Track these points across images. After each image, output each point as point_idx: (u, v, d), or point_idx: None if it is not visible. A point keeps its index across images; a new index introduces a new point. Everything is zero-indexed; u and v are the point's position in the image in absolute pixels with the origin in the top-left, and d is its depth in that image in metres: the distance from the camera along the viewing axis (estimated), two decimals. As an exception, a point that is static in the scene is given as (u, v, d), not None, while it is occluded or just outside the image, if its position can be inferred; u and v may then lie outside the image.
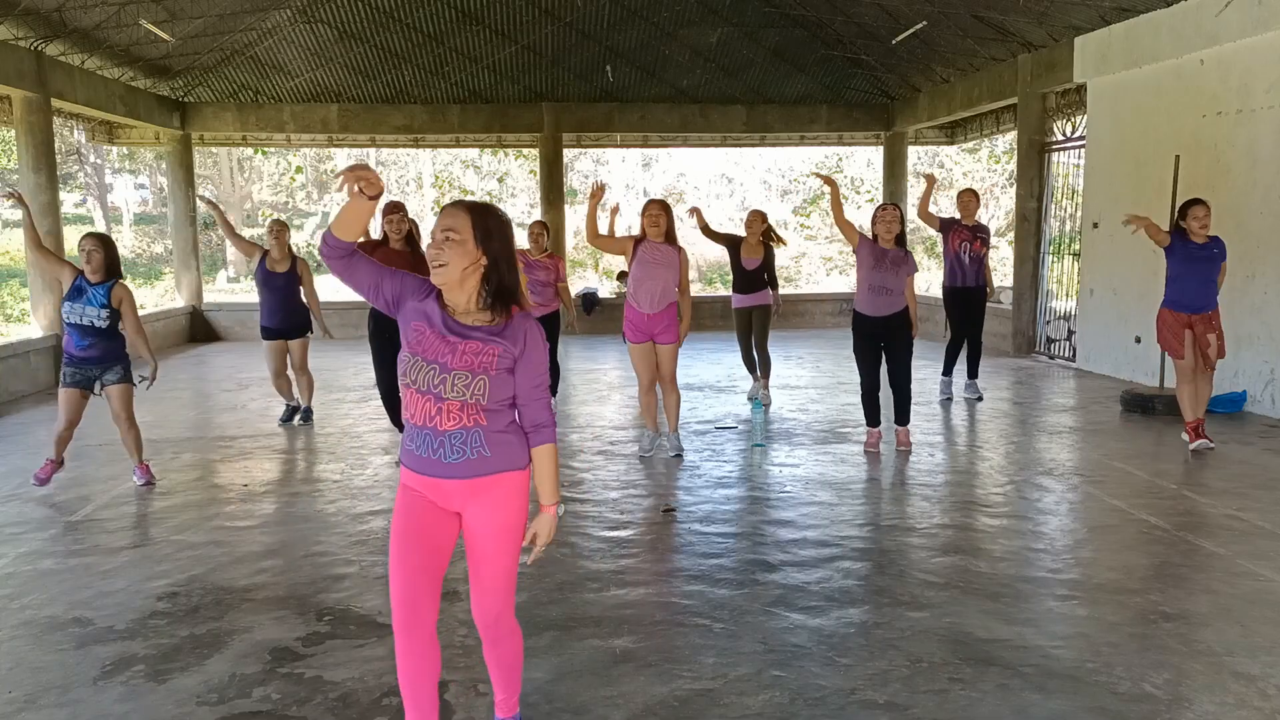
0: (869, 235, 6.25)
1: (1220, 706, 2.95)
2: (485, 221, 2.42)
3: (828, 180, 6.31)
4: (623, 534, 4.75)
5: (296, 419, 7.51)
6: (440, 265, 2.38)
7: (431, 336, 2.42)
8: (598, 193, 6.05)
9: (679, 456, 6.20)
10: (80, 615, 3.78)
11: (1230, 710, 2.93)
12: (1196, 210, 6.16)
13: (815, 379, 9.44)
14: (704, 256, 23.52)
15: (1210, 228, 6.18)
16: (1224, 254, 6.23)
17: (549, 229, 7.81)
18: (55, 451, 5.67)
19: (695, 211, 8.33)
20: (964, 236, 7.90)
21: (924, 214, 7.84)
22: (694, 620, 3.65)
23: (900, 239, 6.17)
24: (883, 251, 6.09)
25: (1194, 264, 6.16)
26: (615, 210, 7.07)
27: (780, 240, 8.31)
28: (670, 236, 6.04)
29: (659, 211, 6.02)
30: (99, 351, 5.52)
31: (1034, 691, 3.06)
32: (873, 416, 6.40)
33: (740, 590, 3.96)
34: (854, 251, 6.29)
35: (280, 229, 7.33)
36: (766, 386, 8.22)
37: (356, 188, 2.34)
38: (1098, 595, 3.85)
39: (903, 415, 6.35)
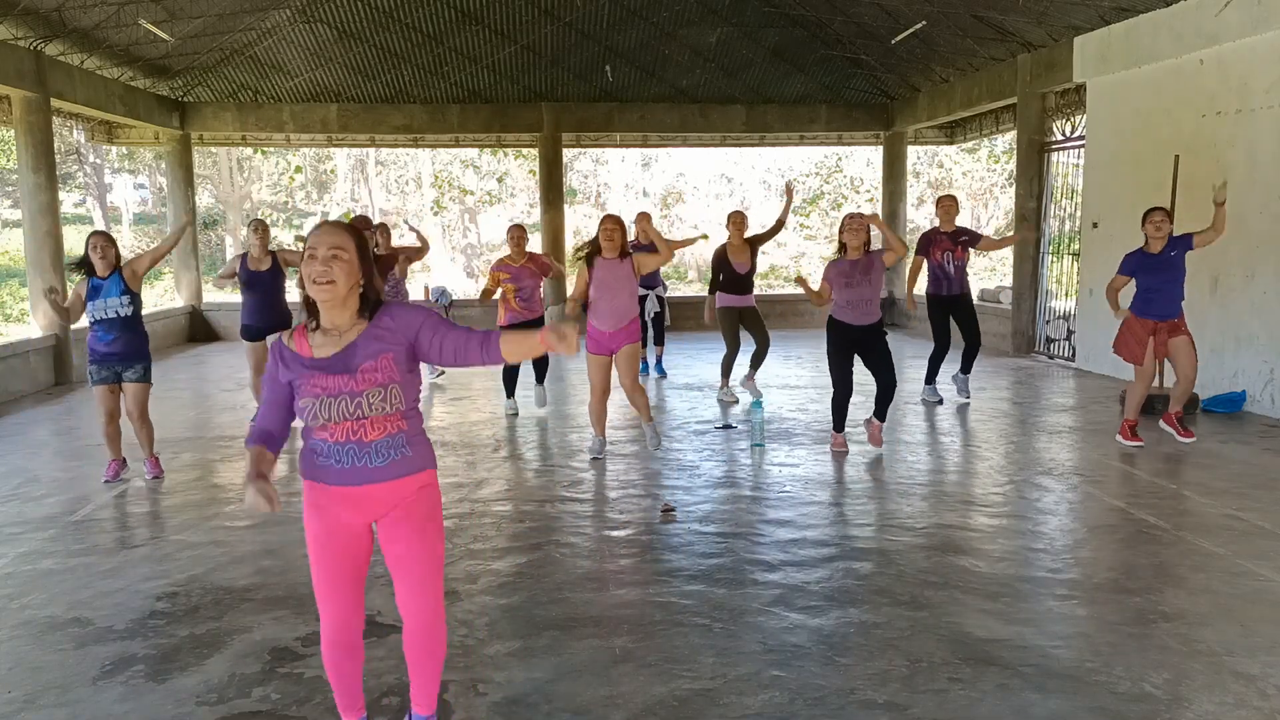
0: (831, 261, 6.21)
1: (1220, 706, 2.95)
2: (362, 241, 2.50)
3: (807, 289, 6.18)
4: (622, 534, 4.75)
5: None
6: (329, 283, 2.40)
7: (324, 378, 2.44)
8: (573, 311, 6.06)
9: (658, 446, 6.22)
10: (80, 615, 3.78)
11: (1230, 710, 2.93)
12: (1153, 216, 6.16)
13: (815, 379, 9.44)
14: (704, 256, 23.47)
15: (1168, 231, 6.16)
16: (1186, 244, 6.14)
17: (525, 231, 7.74)
18: (112, 450, 5.86)
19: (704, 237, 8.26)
20: (946, 246, 7.79)
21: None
22: (693, 620, 3.65)
23: (867, 244, 6.12)
24: (850, 265, 6.05)
25: (1154, 273, 6.17)
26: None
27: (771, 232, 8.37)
28: (624, 251, 6.03)
29: (613, 226, 6.00)
30: (123, 345, 5.67)
31: (1033, 691, 3.06)
32: (840, 422, 6.34)
33: (740, 590, 3.96)
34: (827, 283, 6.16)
35: (262, 229, 7.34)
36: (753, 379, 8.24)
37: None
38: (1097, 595, 3.85)
39: (881, 411, 6.33)
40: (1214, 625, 3.53)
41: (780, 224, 8.37)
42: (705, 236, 7.93)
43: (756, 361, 8.22)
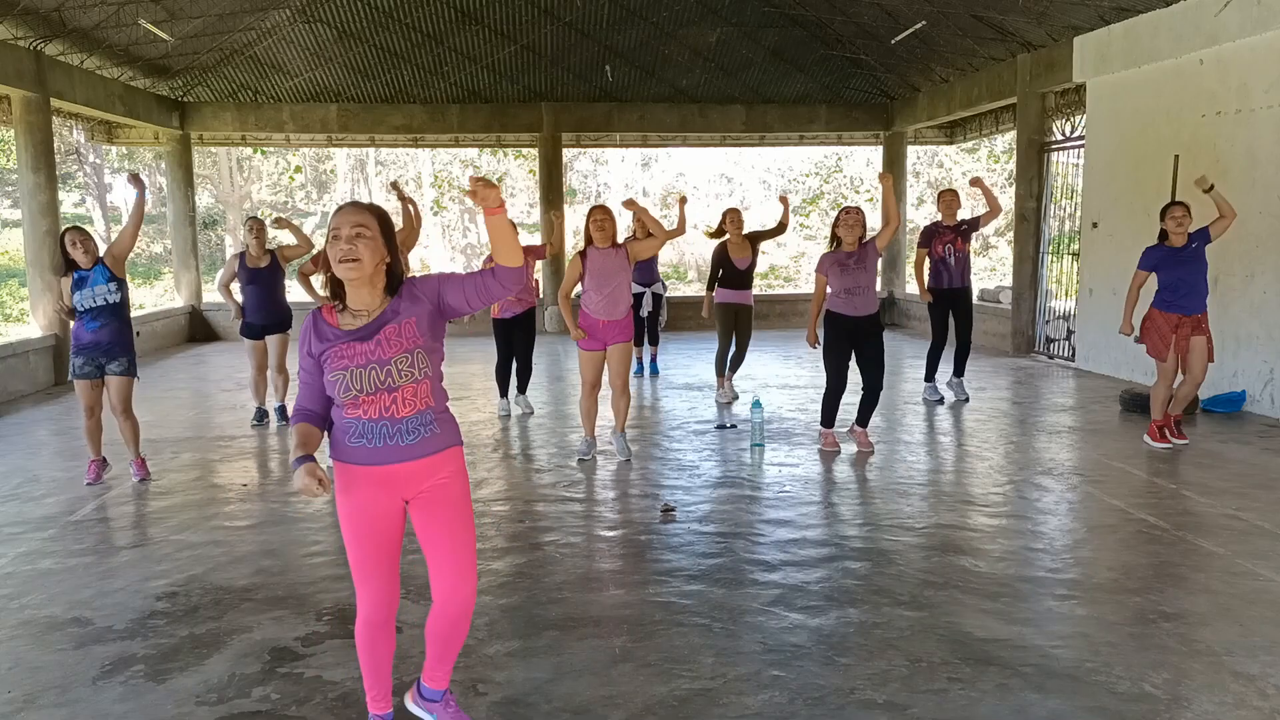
0: (827, 254, 6.20)
1: (1219, 706, 2.95)
2: (386, 221, 2.55)
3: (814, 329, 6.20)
4: (623, 534, 4.75)
5: (277, 421, 7.52)
6: (354, 260, 2.46)
7: (350, 349, 2.50)
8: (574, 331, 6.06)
9: (628, 461, 6.15)
10: (80, 615, 3.78)
11: (1229, 710, 2.93)
12: (1174, 210, 6.16)
13: (815, 379, 9.44)
14: (703, 256, 23.47)
15: (1189, 226, 6.15)
16: (1205, 237, 6.15)
17: (514, 227, 7.74)
18: (92, 450, 5.81)
19: (682, 202, 8.27)
20: (948, 239, 7.86)
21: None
22: (693, 620, 3.65)
23: (861, 239, 6.13)
24: (845, 256, 6.07)
25: (1176, 267, 6.16)
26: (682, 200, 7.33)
27: (773, 232, 8.34)
28: (615, 241, 6.03)
29: (604, 217, 5.99)
30: (109, 334, 5.63)
31: (1033, 691, 3.06)
32: (831, 418, 6.35)
33: (739, 590, 3.96)
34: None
35: (259, 227, 7.35)
36: (731, 379, 8.25)
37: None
38: (1097, 595, 3.85)
39: (864, 417, 6.33)
40: (1214, 625, 3.53)
41: (783, 226, 8.38)
42: (683, 198, 7.99)
43: (735, 364, 8.24)
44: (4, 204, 26.79)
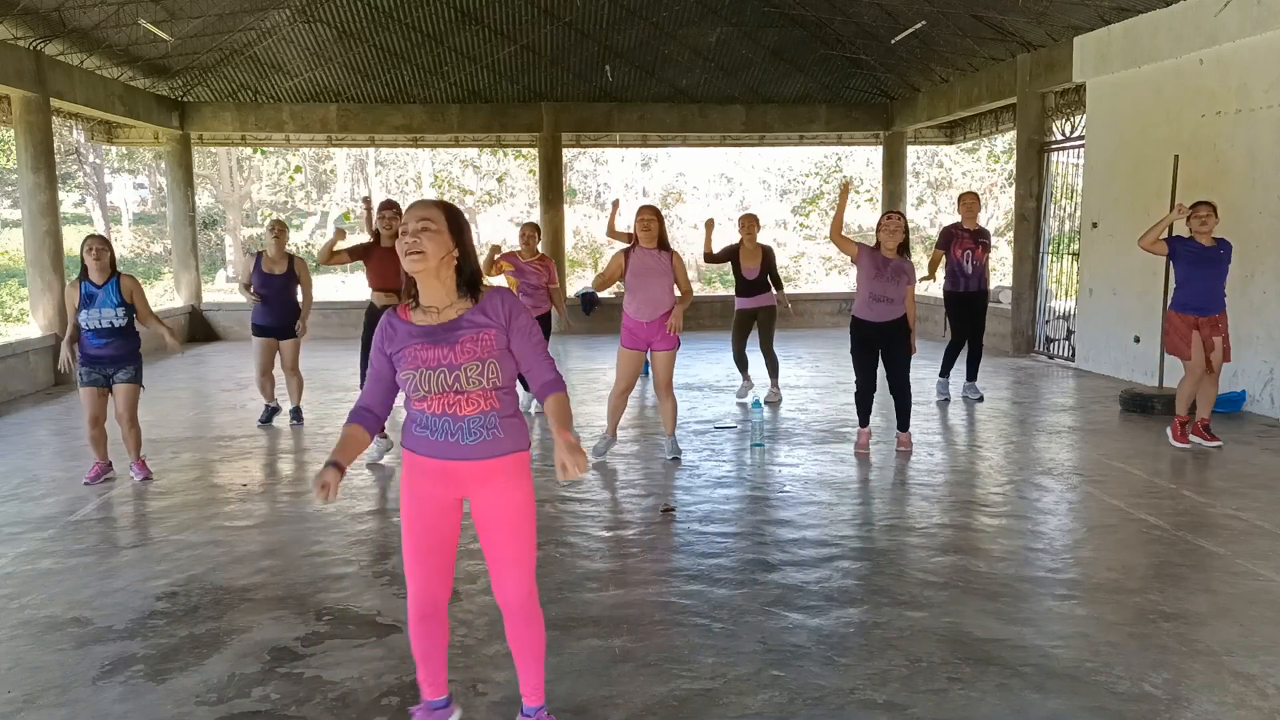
0: (868, 244, 6.22)
1: (1219, 706, 2.95)
2: (455, 216, 2.57)
3: (845, 189, 6.33)
4: (622, 534, 4.75)
5: (289, 420, 7.52)
6: (418, 253, 2.47)
7: (425, 349, 2.52)
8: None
9: (676, 460, 6.17)
10: (79, 615, 3.78)
11: (1229, 710, 2.93)
12: (1199, 210, 6.15)
13: (815, 379, 9.44)
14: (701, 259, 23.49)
15: (1214, 230, 6.17)
16: (1229, 257, 6.21)
17: (540, 231, 7.80)
18: (97, 454, 5.82)
19: (709, 225, 8.34)
20: (967, 245, 7.87)
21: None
22: (693, 620, 3.65)
23: (903, 247, 6.13)
24: (884, 260, 6.05)
25: (1201, 266, 6.14)
26: (616, 206, 7.41)
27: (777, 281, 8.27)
28: (663, 242, 6.00)
29: (650, 216, 5.97)
30: (115, 350, 5.65)
31: (1033, 691, 3.06)
32: (864, 416, 6.37)
33: (739, 590, 3.96)
34: (853, 261, 6.27)
35: (280, 229, 7.34)
36: (776, 385, 8.24)
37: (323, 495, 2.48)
38: (1097, 595, 3.85)
39: (904, 421, 6.33)
40: (1214, 625, 3.53)
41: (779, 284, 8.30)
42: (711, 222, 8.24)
43: (772, 370, 8.23)
44: (4, 204, 26.80)
